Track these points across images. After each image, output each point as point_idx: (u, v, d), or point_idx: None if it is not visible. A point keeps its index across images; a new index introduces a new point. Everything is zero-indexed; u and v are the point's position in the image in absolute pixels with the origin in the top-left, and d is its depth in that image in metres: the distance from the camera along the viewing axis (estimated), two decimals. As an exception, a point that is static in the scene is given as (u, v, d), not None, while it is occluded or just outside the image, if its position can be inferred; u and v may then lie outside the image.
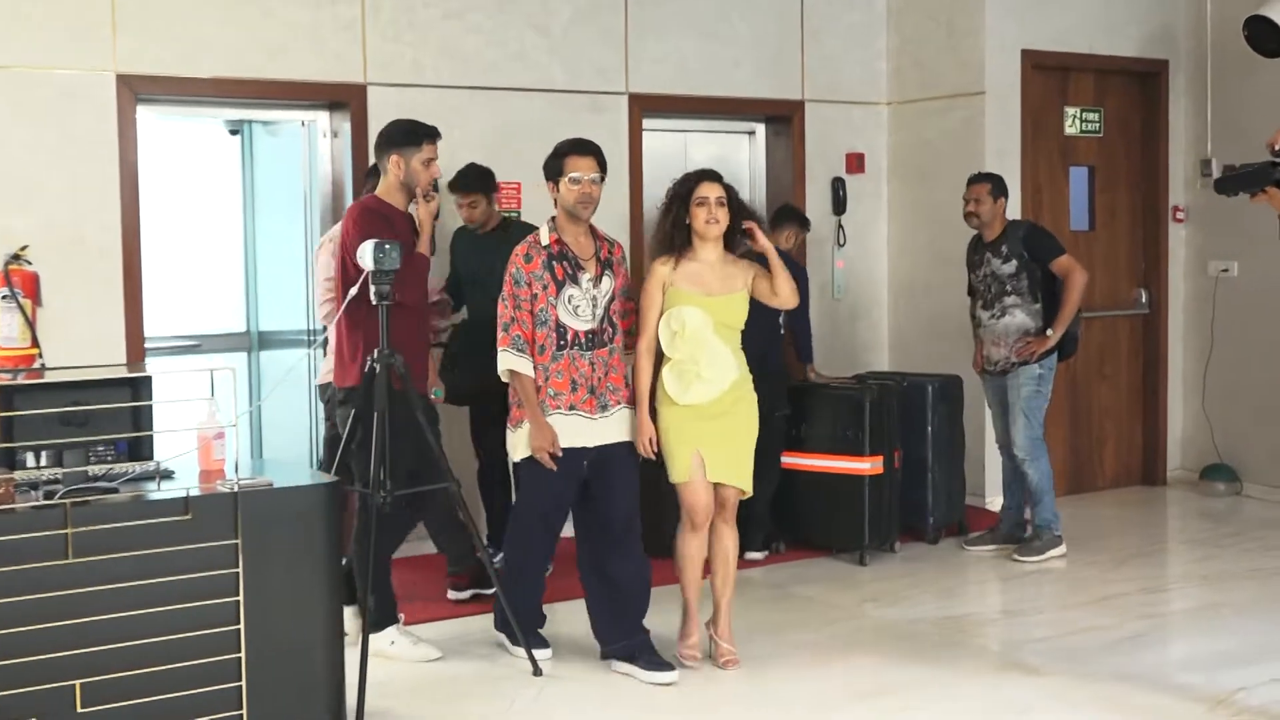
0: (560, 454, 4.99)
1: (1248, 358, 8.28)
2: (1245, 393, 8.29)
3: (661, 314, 5.18)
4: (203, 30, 6.61)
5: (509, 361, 5.01)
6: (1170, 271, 8.72)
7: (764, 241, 5.20)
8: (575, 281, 5.03)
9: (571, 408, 5.03)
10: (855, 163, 8.52)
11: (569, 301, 5.01)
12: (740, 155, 8.66)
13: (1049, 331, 6.75)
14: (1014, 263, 6.76)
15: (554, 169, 5.08)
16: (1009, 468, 7.12)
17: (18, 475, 4.33)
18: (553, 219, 5.16)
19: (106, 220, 6.48)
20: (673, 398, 5.09)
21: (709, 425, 5.10)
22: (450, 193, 6.47)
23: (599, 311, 5.08)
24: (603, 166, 5.11)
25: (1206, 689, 4.98)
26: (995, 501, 7.86)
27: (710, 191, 5.07)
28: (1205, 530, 7.78)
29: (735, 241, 5.24)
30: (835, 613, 6.12)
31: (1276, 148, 4.28)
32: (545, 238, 5.09)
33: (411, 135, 5.25)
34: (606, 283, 5.13)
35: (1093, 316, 8.05)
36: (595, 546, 5.27)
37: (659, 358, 5.22)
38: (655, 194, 7.88)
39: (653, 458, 5.16)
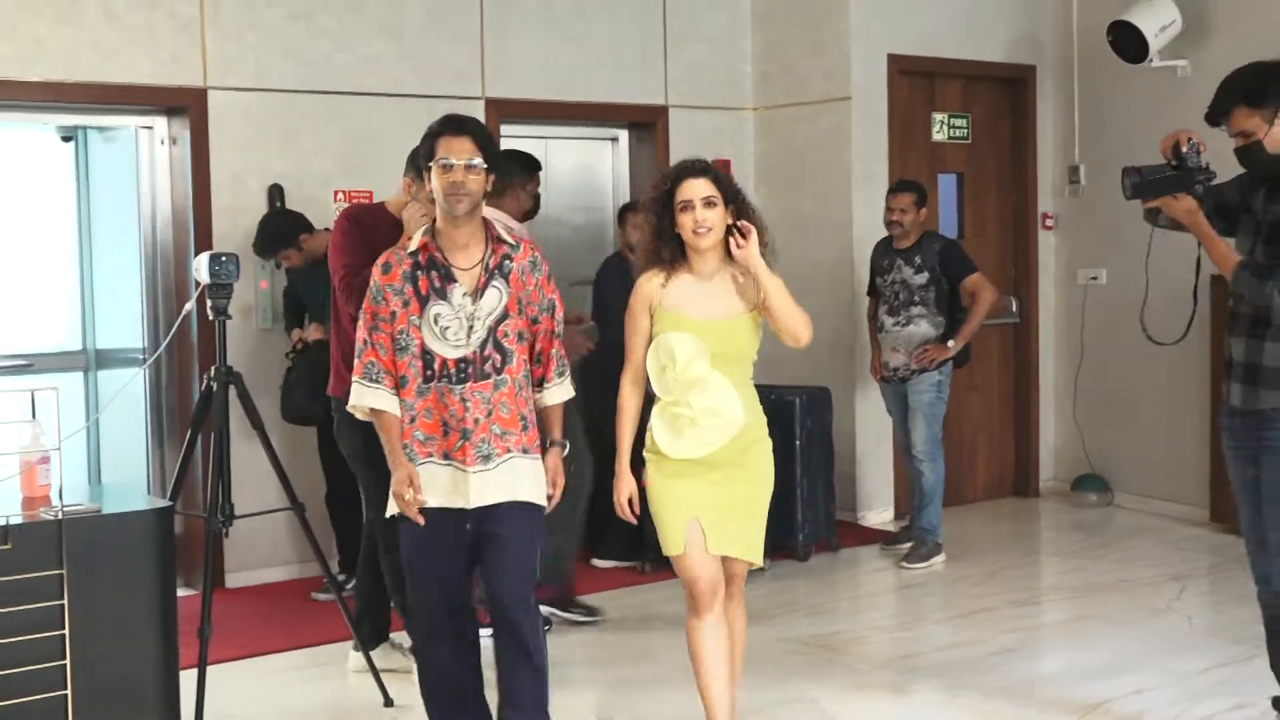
0: (423, 503, 4.07)
1: (1118, 366, 8.44)
2: (1116, 402, 8.48)
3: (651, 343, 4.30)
4: (34, 31, 6.49)
5: (360, 395, 4.13)
6: (1040, 280, 8.89)
7: (753, 259, 4.13)
8: (443, 296, 4.05)
9: (445, 456, 4.07)
10: (722, 169, 8.48)
11: (435, 321, 4.04)
12: (603, 163, 8.71)
13: (950, 342, 7.03)
14: (925, 275, 7.04)
15: (425, 155, 4.16)
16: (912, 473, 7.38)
17: None
18: (432, 222, 4.24)
19: None
20: (662, 450, 4.17)
21: (708, 484, 4.16)
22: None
23: (477, 335, 4.05)
24: (486, 150, 4.10)
25: (1073, 702, 5.11)
26: (868, 516, 8.07)
27: (694, 192, 4.06)
28: (1076, 542, 7.95)
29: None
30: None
31: (1184, 150, 4.07)
32: (415, 242, 4.16)
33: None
34: (492, 296, 4.09)
35: (963, 325, 8.22)
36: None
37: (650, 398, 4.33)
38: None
39: (632, 521, 4.33)
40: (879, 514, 8.17)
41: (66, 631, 4.31)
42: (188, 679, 4.44)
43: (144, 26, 6.74)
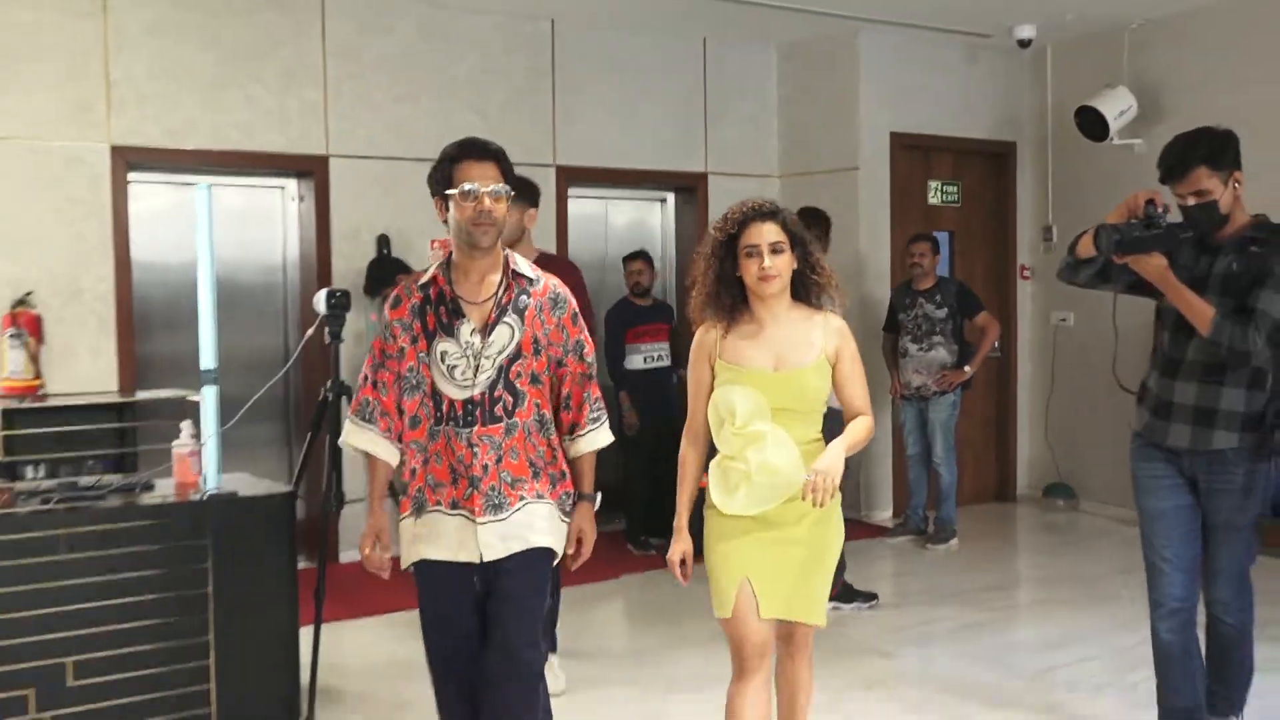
0: (384, 560, 3.33)
1: (1083, 394, 8.43)
2: (1081, 423, 8.48)
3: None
4: (190, 109, 6.69)
5: (349, 433, 3.36)
6: (1019, 321, 8.90)
7: (833, 481, 3.16)
8: (450, 333, 3.22)
9: (454, 504, 3.24)
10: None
11: (441, 359, 3.22)
12: (653, 220, 8.74)
13: (966, 367, 7.35)
14: (945, 310, 7.33)
15: (441, 180, 3.25)
16: (918, 476, 7.58)
17: (17, 485, 4.50)
18: (449, 254, 3.37)
19: (101, 271, 6.51)
20: (718, 505, 3.32)
21: (763, 544, 3.28)
22: None
23: (486, 374, 3.19)
24: (509, 177, 3.25)
25: (1029, 667, 5.24)
26: (872, 515, 8.13)
27: (761, 237, 3.22)
28: (1044, 539, 8.00)
29: (814, 287, 3.36)
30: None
31: (1156, 210, 3.56)
32: (428, 275, 3.33)
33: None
34: (502, 334, 3.21)
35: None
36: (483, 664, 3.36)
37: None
38: (580, 252, 8.19)
39: (684, 583, 3.39)
40: (881, 513, 8.22)
41: (210, 589, 4.48)
42: (305, 633, 4.54)
43: (278, 110, 6.92)
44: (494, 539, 3.21)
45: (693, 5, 7.47)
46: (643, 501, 7.51)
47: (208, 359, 4.83)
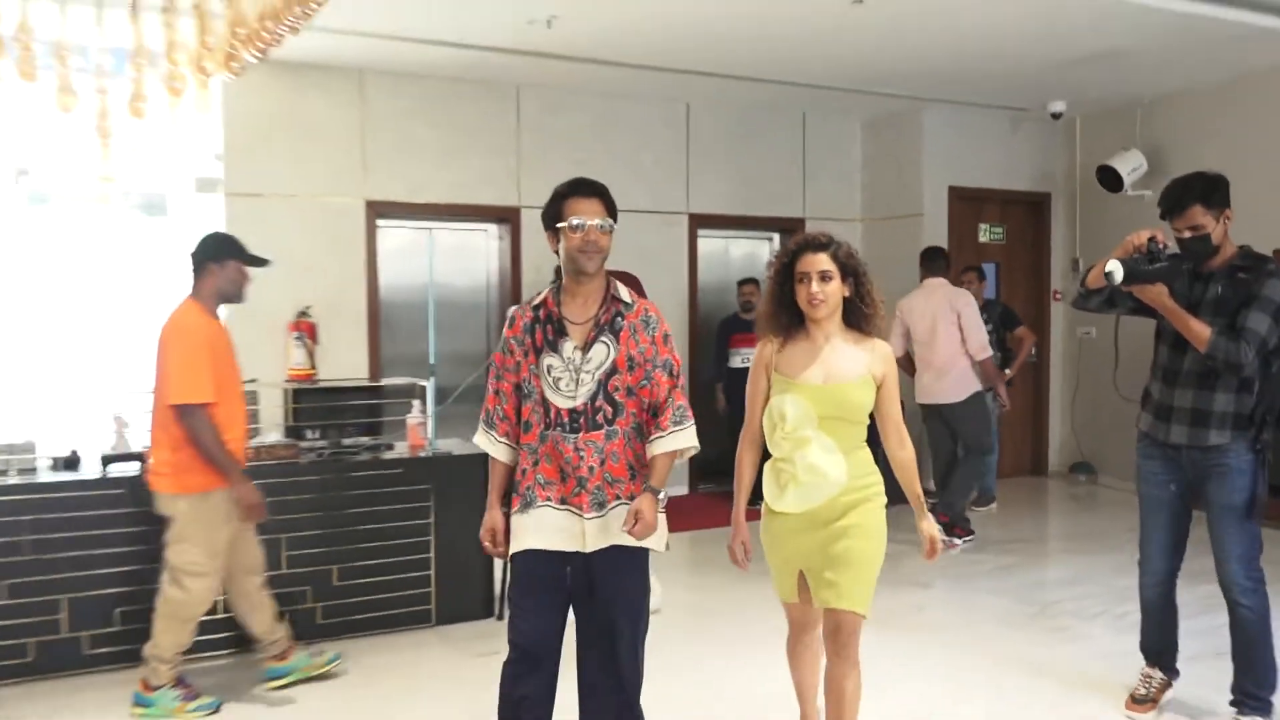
0: (499, 552, 2.96)
1: (1102, 392, 8.09)
2: (1100, 414, 8.36)
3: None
4: (422, 172, 7.04)
5: (477, 436, 3.06)
6: (1051, 334, 8.80)
7: (934, 537, 3.05)
8: (555, 349, 2.89)
9: (563, 501, 2.88)
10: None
11: (548, 372, 2.89)
12: (762, 253, 8.72)
13: (1007, 370, 7.13)
14: (991, 325, 6.99)
15: (552, 215, 2.94)
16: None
17: (300, 444, 4.93)
18: (558, 280, 3.01)
19: (358, 292, 6.85)
20: (768, 503, 3.08)
21: (810, 538, 2.99)
22: None
23: (586, 387, 2.87)
24: (611, 212, 2.95)
25: (1042, 598, 5.27)
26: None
27: (811, 265, 2.97)
28: (1069, 505, 7.91)
29: (863, 315, 3.04)
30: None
31: (1159, 245, 3.34)
32: (540, 297, 3.00)
33: None
34: (599, 352, 2.89)
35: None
36: (584, 665, 2.96)
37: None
38: (707, 278, 8.39)
39: (743, 568, 3.14)
40: (924, 483, 8.20)
41: (432, 520, 4.87)
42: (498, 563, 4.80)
43: (485, 172, 7.17)
44: (596, 532, 2.85)
45: (796, 91, 7.57)
46: None
47: (431, 355, 5.13)
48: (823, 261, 2.97)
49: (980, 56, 6.59)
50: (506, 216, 7.35)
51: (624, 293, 2.93)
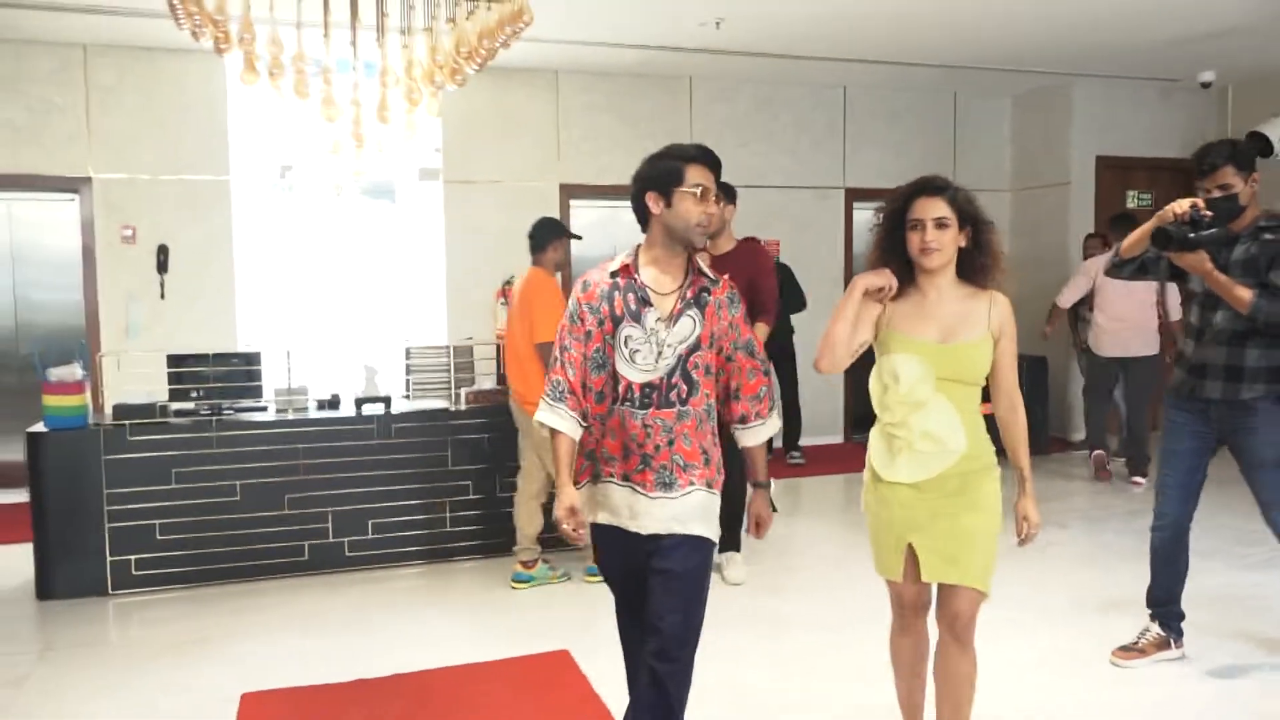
0: (580, 533, 2.50)
1: None
2: None
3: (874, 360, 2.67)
4: (608, 157, 7.44)
5: (542, 412, 2.57)
6: None
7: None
8: (637, 319, 2.50)
9: (625, 478, 2.51)
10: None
11: (625, 344, 2.50)
12: None
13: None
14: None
15: (667, 177, 2.49)
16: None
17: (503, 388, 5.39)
18: (638, 246, 2.60)
19: None
20: (877, 471, 2.62)
21: (924, 511, 2.56)
22: None
23: (666, 361, 2.48)
24: (726, 192, 2.42)
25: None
26: (1069, 435, 8.12)
27: (926, 211, 2.52)
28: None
29: (980, 268, 2.56)
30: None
31: (1202, 213, 3.20)
32: (616, 264, 2.58)
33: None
34: (685, 325, 2.50)
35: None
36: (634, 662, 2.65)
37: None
38: (861, 246, 8.53)
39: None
40: (1076, 434, 8.09)
41: None
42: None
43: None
44: (660, 514, 2.47)
45: (948, 72, 7.60)
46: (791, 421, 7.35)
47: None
48: (939, 206, 2.51)
49: (1128, 29, 6.48)
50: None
51: (705, 266, 2.59)
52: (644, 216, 2.55)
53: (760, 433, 2.62)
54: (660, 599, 2.46)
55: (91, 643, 4.11)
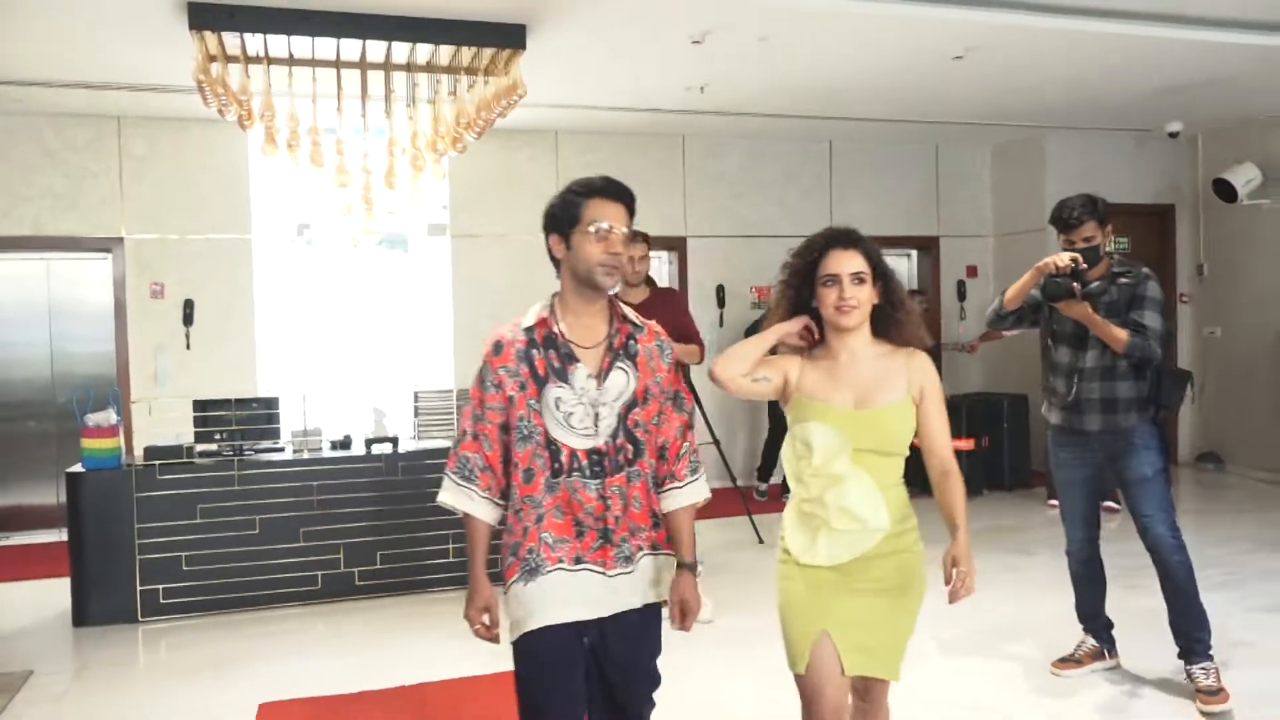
0: (495, 634, 2.24)
1: (1228, 387, 8.35)
2: (1226, 408, 8.38)
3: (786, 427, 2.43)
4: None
5: (448, 492, 2.26)
6: (1180, 334, 8.74)
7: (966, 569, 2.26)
8: (563, 379, 2.22)
9: (578, 560, 2.21)
10: (971, 271, 8.94)
11: (555, 406, 2.20)
12: (902, 268, 9.01)
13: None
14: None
15: (566, 216, 2.24)
16: None
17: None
18: (554, 295, 2.32)
19: None
20: (794, 554, 2.36)
21: (844, 595, 2.31)
22: None
23: (607, 421, 2.21)
24: (631, 222, 2.28)
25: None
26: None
27: (842, 265, 2.30)
28: (1198, 489, 7.92)
29: (896, 323, 2.36)
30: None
31: (1080, 266, 3.53)
32: (530, 319, 2.28)
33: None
34: (618, 380, 2.24)
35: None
36: None
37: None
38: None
39: (803, 344, 2.39)
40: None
41: None
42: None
43: (656, 208, 7.82)
44: (623, 591, 2.23)
45: (927, 127, 8.00)
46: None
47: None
48: (855, 260, 2.30)
49: (1092, 88, 6.87)
50: (675, 245, 8.15)
51: (630, 312, 2.34)
52: (556, 262, 2.29)
53: (681, 497, 2.31)
54: (629, 688, 2.27)
55: (122, 663, 4.50)
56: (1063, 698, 3.81)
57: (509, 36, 5.00)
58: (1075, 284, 3.54)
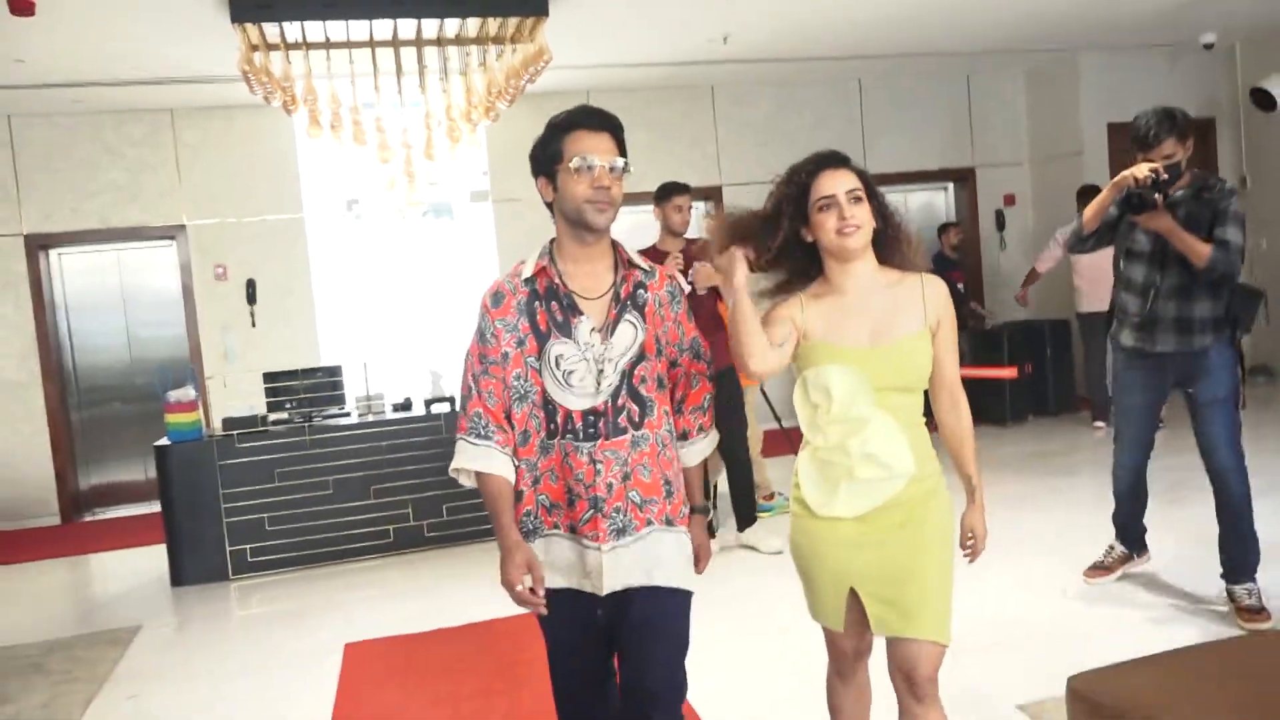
0: (540, 594, 2.03)
1: (1277, 298, 8.00)
2: (1276, 320, 8.08)
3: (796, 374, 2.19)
4: (640, 166, 8.12)
5: (464, 454, 2.08)
6: None
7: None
8: (566, 333, 2.05)
9: (571, 529, 2.06)
10: (1009, 200, 8.93)
11: (556, 364, 2.05)
12: (938, 202, 9.07)
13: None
14: None
15: (549, 155, 2.08)
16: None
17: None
18: (550, 242, 2.14)
19: None
20: (811, 508, 2.15)
21: (869, 550, 2.12)
22: None
23: (609, 380, 2.04)
24: (623, 151, 2.09)
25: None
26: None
27: (837, 185, 2.08)
28: (1249, 402, 7.89)
29: (897, 247, 2.16)
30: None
31: (1161, 177, 3.41)
32: (529, 268, 2.10)
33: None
34: (626, 333, 2.07)
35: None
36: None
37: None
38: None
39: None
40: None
41: None
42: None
43: (690, 159, 7.92)
44: (620, 567, 2.04)
45: (958, 58, 8.03)
46: None
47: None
48: (849, 178, 2.09)
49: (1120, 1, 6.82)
50: (711, 195, 8.28)
51: (637, 256, 2.15)
52: (551, 206, 2.11)
53: (701, 449, 2.20)
54: (639, 654, 2.06)
55: (218, 616, 4.91)
56: (1097, 605, 3.93)
57: (531, 4, 5.19)
58: (1158, 195, 3.42)
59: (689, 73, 7.64)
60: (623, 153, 2.07)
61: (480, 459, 2.06)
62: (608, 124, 2.08)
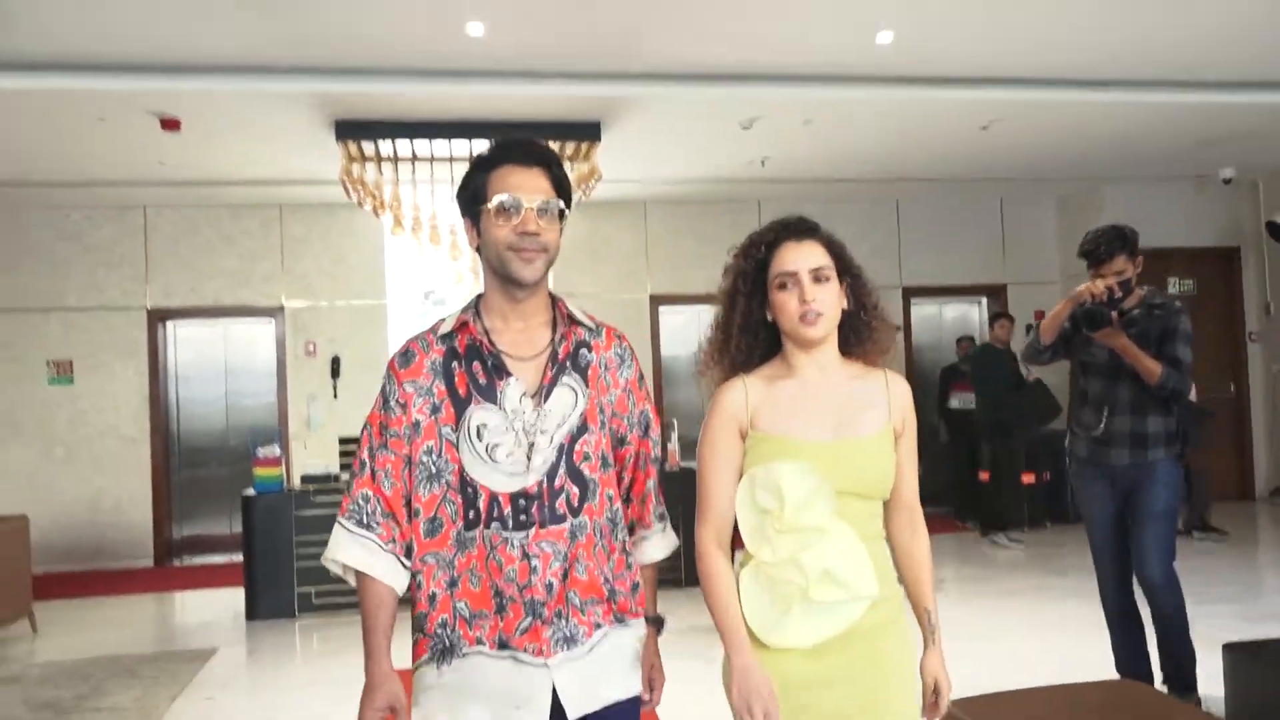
0: None
1: None
2: None
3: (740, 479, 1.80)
4: (690, 271, 8.92)
5: (340, 544, 1.70)
6: (1250, 370, 9.02)
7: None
8: (491, 398, 1.69)
9: (502, 644, 1.66)
10: (1039, 315, 9.12)
11: (476, 435, 1.67)
12: (972, 315, 9.53)
13: None
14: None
15: (472, 196, 1.74)
16: None
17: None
18: (478, 296, 1.81)
19: (644, 355, 8.72)
20: (756, 634, 1.74)
21: (827, 685, 1.73)
22: None
23: (544, 455, 1.68)
24: (562, 192, 1.74)
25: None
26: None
27: (799, 260, 1.77)
28: (1272, 523, 8.03)
29: (868, 336, 1.85)
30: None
31: (1116, 295, 3.48)
32: (449, 323, 1.76)
33: None
34: (564, 399, 1.72)
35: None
36: None
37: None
38: (921, 337, 9.53)
39: None
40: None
41: None
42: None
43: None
44: (575, 684, 1.68)
45: (992, 183, 8.66)
46: (981, 497, 7.65)
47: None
48: (815, 253, 1.79)
49: (1135, 145, 7.42)
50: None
51: (581, 314, 1.84)
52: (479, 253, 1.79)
53: (656, 545, 1.86)
54: None
55: (285, 646, 5.63)
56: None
57: (586, 131, 6.08)
58: (1114, 312, 3.47)
59: (734, 189, 8.47)
60: (561, 193, 1.72)
61: (359, 556, 1.67)
62: (540, 158, 1.72)
